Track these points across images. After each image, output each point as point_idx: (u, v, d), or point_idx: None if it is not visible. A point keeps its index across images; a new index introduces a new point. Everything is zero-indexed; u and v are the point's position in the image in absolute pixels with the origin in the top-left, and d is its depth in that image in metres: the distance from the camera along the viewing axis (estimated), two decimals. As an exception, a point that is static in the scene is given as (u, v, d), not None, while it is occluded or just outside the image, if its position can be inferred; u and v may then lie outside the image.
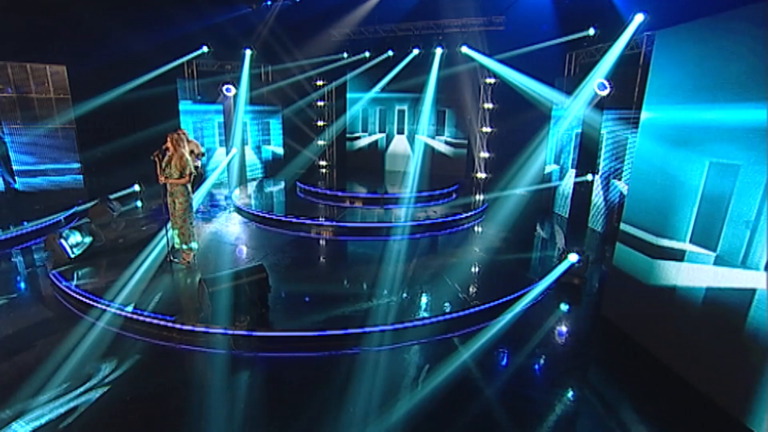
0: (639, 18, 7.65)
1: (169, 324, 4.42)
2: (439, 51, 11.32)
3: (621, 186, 7.97)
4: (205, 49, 11.43)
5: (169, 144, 5.59)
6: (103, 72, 9.73)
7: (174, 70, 11.32)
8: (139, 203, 9.77)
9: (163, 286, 5.36)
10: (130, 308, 4.69)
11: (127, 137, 9.77)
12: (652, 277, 4.32)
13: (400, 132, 13.97)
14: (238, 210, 9.23)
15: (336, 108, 13.76)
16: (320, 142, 13.97)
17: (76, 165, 9.89)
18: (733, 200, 3.54)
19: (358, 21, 12.18)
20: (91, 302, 4.89)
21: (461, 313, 4.88)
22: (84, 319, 4.78)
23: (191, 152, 5.85)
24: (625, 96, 7.96)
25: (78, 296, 5.02)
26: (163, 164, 5.64)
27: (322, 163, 13.98)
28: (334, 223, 8.14)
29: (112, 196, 8.50)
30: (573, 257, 6.13)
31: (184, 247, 5.94)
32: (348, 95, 13.53)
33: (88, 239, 6.21)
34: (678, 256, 4.03)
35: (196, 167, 5.79)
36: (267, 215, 8.50)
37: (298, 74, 12.88)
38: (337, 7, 12.23)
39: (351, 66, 12.83)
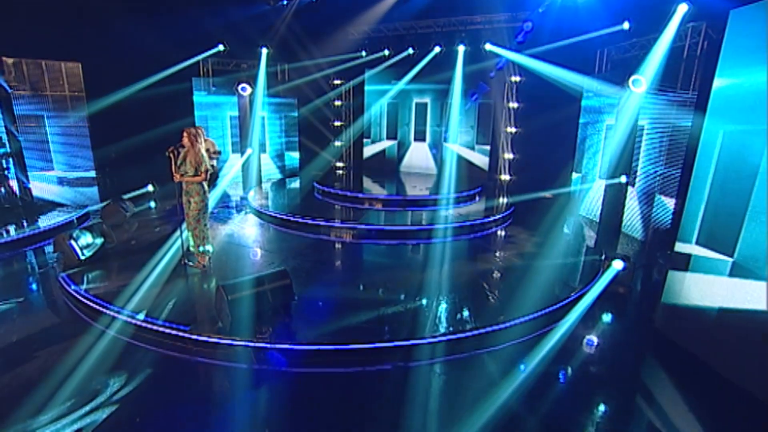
0: (683, 9, 7.13)
1: (184, 334, 4.03)
2: (461, 48, 10.87)
3: (668, 203, 7.33)
4: (220, 47, 11.18)
5: (185, 139, 5.25)
6: (119, 69, 9.51)
7: (189, 68, 11.09)
8: (152, 204, 9.49)
9: (177, 291, 4.99)
10: (141, 316, 4.32)
11: (141, 135, 9.50)
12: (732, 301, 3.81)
13: (420, 138, 12.56)
14: (255, 211, 8.88)
15: (354, 108, 13.38)
16: (337, 143, 13.61)
17: (89, 163, 9.66)
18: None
19: (377, 19, 11.84)
20: (100, 308, 4.53)
21: (506, 325, 4.40)
22: (93, 326, 4.42)
23: (206, 150, 5.54)
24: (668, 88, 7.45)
25: (87, 301, 4.67)
26: (178, 161, 5.29)
27: (339, 164, 13.60)
28: (357, 226, 7.72)
29: (125, 196, 8.21)
30: (618, 264, 5.62)
31: (199, 249, 5.58)
32: (366, 87, 12.94)
33: (99, 240, 5.89)
34: None
35: (212, 165, 5.44)
36: (285, 217, 8.12)
37: (314, 73, 12.56)
38: (355, 4, 11.92)
39: (369, 65, 12.44)
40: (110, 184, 9.79)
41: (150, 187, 9.85)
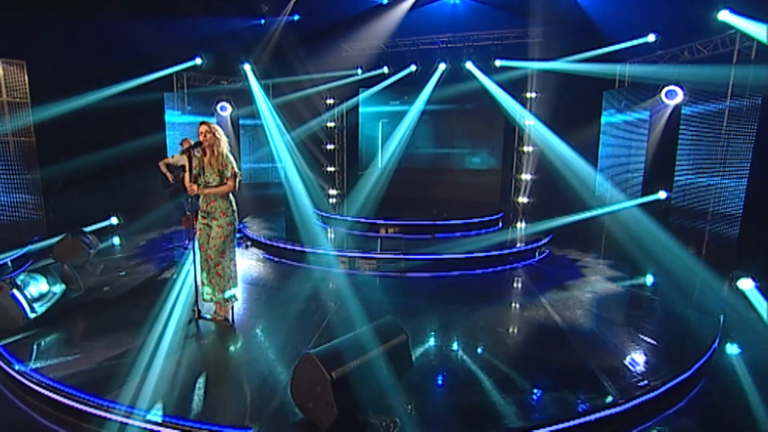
0: (725, 15, 6.70)
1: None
2: (469, 65, 10.08)
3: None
4: (198, 60, 9.63)
5: (205, 134, 3.64)
6: (74, 73, 7.64)
7: (161, 80, 9.42)
8: (116, 240, 7.44)
9: (198, 365, 3.23)
10: (156, 414, 2.55)
11: (97, 154, 7.61)
12: None
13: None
14: (257, 243, 7.14)
15: (348, 130, 12.09)
16: (330, 168, 12.14)
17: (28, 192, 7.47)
18: None
19: (372, 36, 10.95)
20: (74, 404, 2.69)
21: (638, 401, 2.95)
22: (62, 437, 2.58)
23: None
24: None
25: (48, 392, 2.79)
26: (195, 169, 3.66)
27: (332, 192, 12.06)
28: (402, 256, 6.21)
29: (85, 229, 6.18)
30: (747, 283, 4.61)
31: (222, 296, 3.83)
32: (361, 110, 11.81)
33: (58, 288, 3.97)
34: None
35: (240, 169, 3.84)
36: (304, 249, 6.45)
37: (304, 91, 11.22)
38: (345, 22, 11.00)
39: (366, 83, 11.30)
40: (60, 214, 7.62)
41: (114, 220, 7.81)
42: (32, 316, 3.60)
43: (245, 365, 3.28)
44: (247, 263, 6.26)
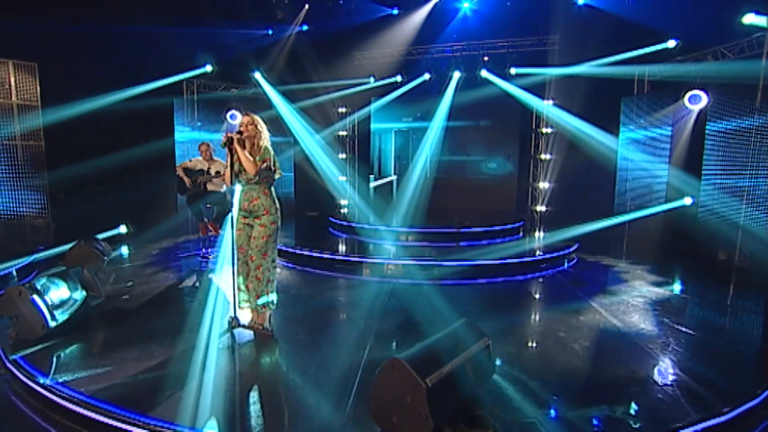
0: (751, 18, 6.62)
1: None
2: (484, 72, 9.97)
3: None
4: (208, 68, 9.46)
5: (247, 126, 3.37)
6: (85, 76, 7.42)
7: (171, 87, 9.23)
8: (125, 250, 7.07)
9: (245, 377, 2.89)
10: (210, 429, 2.20)
11: (106, 159, 7.33)
12: None
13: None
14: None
15: (359, 139, 11.88)
16: (341, 178, 11.87)
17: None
18: None
19: (385, 45, 10.88)
20: (115, 422, 2.34)
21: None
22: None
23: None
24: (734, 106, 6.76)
25: (76, 407, 2.44)
26: (235, 164, 3.37)
27: (343, 202, 11.77)
28: (435, 263, 5.91)
29: (98, 236, 5.83)
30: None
31: (259, 302, 3.50)
32: (373, 126, 11.66)
33: (79, 294, 3.63)
34: None
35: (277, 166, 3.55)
36: (328, 256, 6.14)
37: (316, 99, 11.04)
38: (357, 31, 10.93)
39: (379, 92, 11.14)
40: (57, 225, 7.26)
41: (123, 229, 7.45)
42: (53, 324, 3.25)
43: (297, 377, 2.94)
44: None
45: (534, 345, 3.58)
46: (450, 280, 5.52)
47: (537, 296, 5.10)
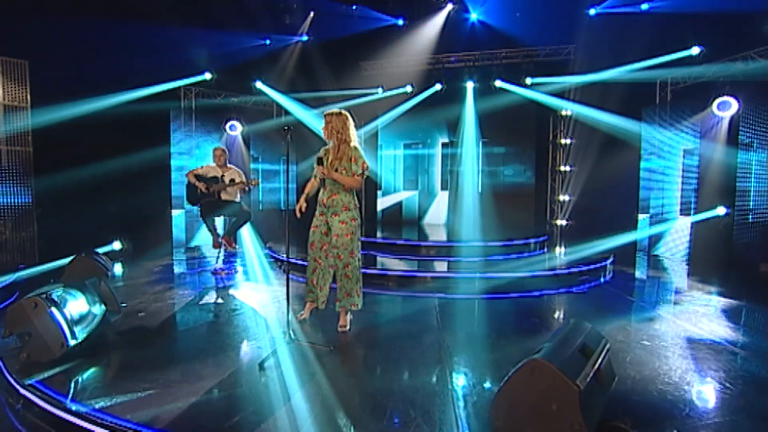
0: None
1: None
2: (498, 83, 9.77)
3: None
4: (207, 75, 9.00)
5: (331, 125, 2.95)
6: (79, 76, 6.81)
7: (168, 93, 8.71)
8: (118, 269, 6.25)
9: (326, 397, 2.32)
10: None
11: (91, 167, 6.71)
12: None
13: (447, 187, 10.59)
14: (295, 267, 6.21)
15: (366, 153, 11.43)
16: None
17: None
18: None
19: (394, 55, 10.65)
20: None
21: None
22: None
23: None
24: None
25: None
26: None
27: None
28: (476, 275, 5.41)
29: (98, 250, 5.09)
30: None
31: (347, 300, 3.13)
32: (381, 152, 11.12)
33: (98, 308, 2.98)
34: None
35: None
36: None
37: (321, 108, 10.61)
38: (364, 41, 10.67)
39: (387, 104, 10.75)
40: (43, 241, 6.49)
41: (117, 245, 6.73)
42: (72, 343, 2.60)
43: (382, 395, 2.38)
44: (297, 285, 5.29)
45: (624, 354, 3.10)
46: (488, 294, 5.01)
47: (591, 306, 4.66)
